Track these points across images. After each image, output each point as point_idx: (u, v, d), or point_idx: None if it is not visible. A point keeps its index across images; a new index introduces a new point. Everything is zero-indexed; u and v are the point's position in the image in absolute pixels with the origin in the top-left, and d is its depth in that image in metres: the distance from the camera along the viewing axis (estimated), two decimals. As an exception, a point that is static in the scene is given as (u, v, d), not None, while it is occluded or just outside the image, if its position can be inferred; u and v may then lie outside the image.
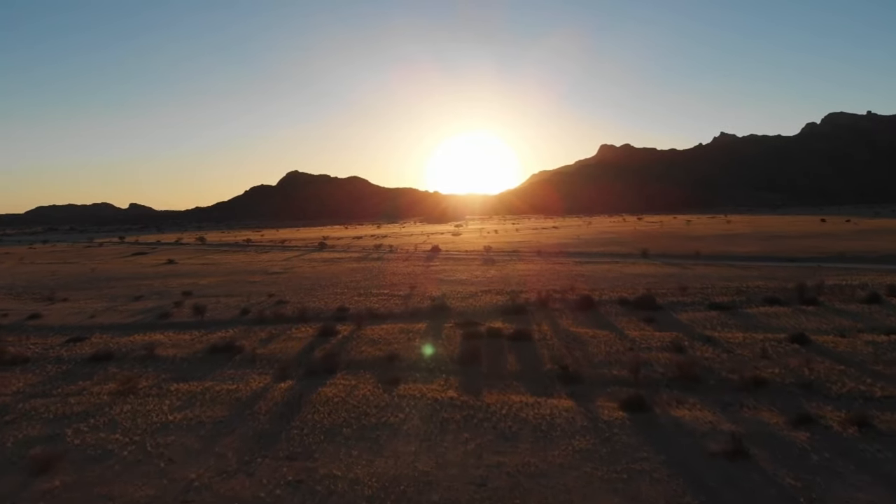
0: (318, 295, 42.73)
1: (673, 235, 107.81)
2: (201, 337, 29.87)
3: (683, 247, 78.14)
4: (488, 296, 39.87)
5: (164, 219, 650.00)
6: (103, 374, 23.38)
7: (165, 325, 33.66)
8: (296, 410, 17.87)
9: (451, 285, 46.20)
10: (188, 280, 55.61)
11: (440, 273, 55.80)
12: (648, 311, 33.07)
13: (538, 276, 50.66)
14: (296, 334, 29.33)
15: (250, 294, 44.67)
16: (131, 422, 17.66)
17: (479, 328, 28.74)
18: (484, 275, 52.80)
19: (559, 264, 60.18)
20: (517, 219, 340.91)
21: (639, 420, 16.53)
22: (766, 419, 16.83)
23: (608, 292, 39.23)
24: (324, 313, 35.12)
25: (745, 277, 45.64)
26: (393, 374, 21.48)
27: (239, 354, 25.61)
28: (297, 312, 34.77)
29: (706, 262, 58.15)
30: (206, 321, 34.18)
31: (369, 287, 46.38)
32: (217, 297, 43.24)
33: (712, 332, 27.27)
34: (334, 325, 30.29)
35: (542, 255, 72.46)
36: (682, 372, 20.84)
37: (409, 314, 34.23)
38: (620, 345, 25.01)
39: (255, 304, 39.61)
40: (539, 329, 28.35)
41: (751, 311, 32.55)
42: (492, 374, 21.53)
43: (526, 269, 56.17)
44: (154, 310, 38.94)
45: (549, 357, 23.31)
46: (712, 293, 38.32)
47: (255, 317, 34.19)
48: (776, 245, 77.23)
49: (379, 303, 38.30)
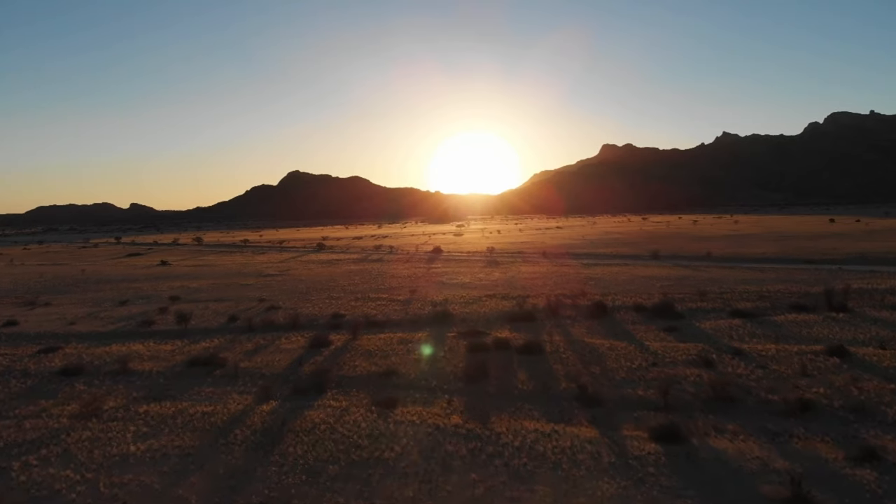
0: (313, 300, 40.37)
1: (681, 236, 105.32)
2: (183, 347, 27.51)
3: (693, 248, 75.72)
4: (493, 301, 37.48)
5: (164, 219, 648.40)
6: (68, 392, 21.03)
7: (147, 334, 31.30)
8: (276, 440, 15.50)
9: (453, 289, 43.83)
10: (178, 283, 53.28)
11: (442, 275, 53.43)
12: (668, 318, 30.68)
13: (545, 279, 48.26)
14: (285, 345, 26.96)
15: (241, 298, 42.32)
16: (87, 454, 15.30)
17: (484, 338, 26.36)
18: (488, 277, 50.42)
19: (566, 266, 57.76)
20: (519, 219, 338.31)
21: (674, 454, 14.13)
22: (823, 453, 14.44)
23: (622, 297, 36.82)
24: (317, 320, 32.75)
25: (763, 281, 43.22)
26: (389, 393, 19.10)
27: (220, 369, 23.26)
28: (288, 319, 32.40)
29: (719, 265, 55.72)
30: (191, 329, 31.81)
31: (367, 291, 44.01)
32: (206, 303, 40.89)
33: (741, 344, 24.87)
34: (327, 335, 27.92)
35: (547, 257, 70.04)
36: (715, 392, 18.46)
37: (408, 321, 31.85)
38: (642, 359, 22.61)
39: (245, 309, 37.25)
40: (551, 340, 25.96)
41: (778, 320, 30.14)
42: (501, 393, 19.15)
43: (532, 272, 53.76)
44: (138, 316, 36.59)
45: (564, 373, 20.91)
46: (733, 299, 35.92)
47: (243, 324, 31.82)
48: (789, 246, 74.77)
49: (377, 309, 35.93)
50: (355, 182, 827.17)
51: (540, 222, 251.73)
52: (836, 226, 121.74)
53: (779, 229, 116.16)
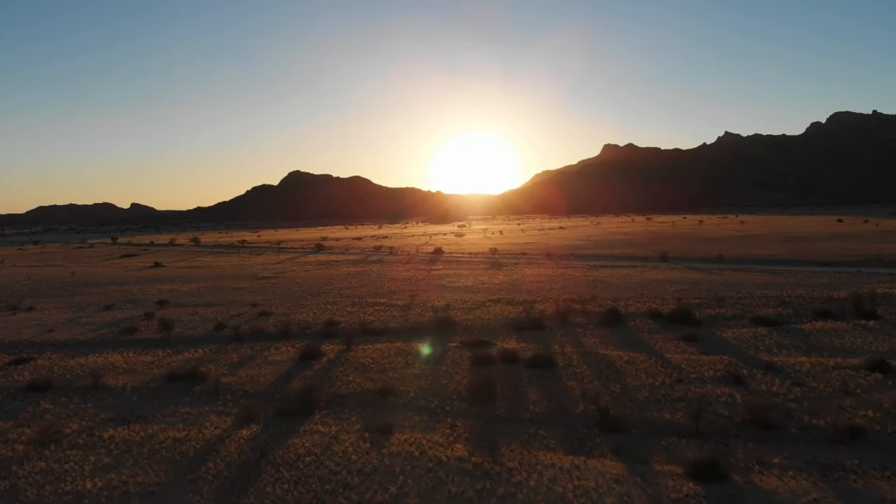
0: (307, 305, 38.27)
1: (687, 236, 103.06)
2: (164, 359, 25.44)
3: (702, 249, 73.51)
4: (498, 306, 35.37)
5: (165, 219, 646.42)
6: (31, 412, 18.97)
7: (127, 343, 29.23)
8: (253, 476, 13.41)
9: (455, 293, 41.73)
10: (169, 286, 51.21)
11: (443, 278, 51.33)
12: (686, 326, 28.57)
13: (551, 282, 46.12)
14: (273, 356, 24.88)
15: (233, 303, 40.24)
16: (37, 491, 13.24)
17: (490, 349, 24.28)
18: (491, 281, 48.30)
19: (572, 269, 55.61)
20: (521, 219, 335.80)
21: (717, 497, 12.04)
22: (887, 493, 12.39)
23: (635, 303, 34.70)
24: (310, 328, 30.65)
25: (782, 285, 41.10)
26: (385, 416, 17.03)
27: (201, 384, 21.17)
28: (279, 327, 30.30)
29: (733, 267, 53.55)
30: (175, 338, 29.74)
31: (365, 295, 41.91)
32: (195, 307, 38.82)
33: (770, 357, 22.76)
34: (320, 345, 25.85)
35: (552, 258, 67.82)
36: (752, 415, 16.34)
37: (408, 329, 29.76)
38: (665, 374, 20.51)
39: (235, 315, 35.17)
40: (562, 351, 23.85)
41: (805, 328, 28.01)
42: (511, 416, 17.05)
43: (537, 275, 51.62)
44: (121, 322, 34.52)
45: (580, 392, 18.81)
46: (753, 304, 33.79)
47: (230, 333, 29.72)
48: (801, 247, 72.58)
49: (374, 315, 33.82)
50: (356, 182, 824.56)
51: (542, 222, 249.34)
52: (844, 226, 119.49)
53: (787, 230, 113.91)
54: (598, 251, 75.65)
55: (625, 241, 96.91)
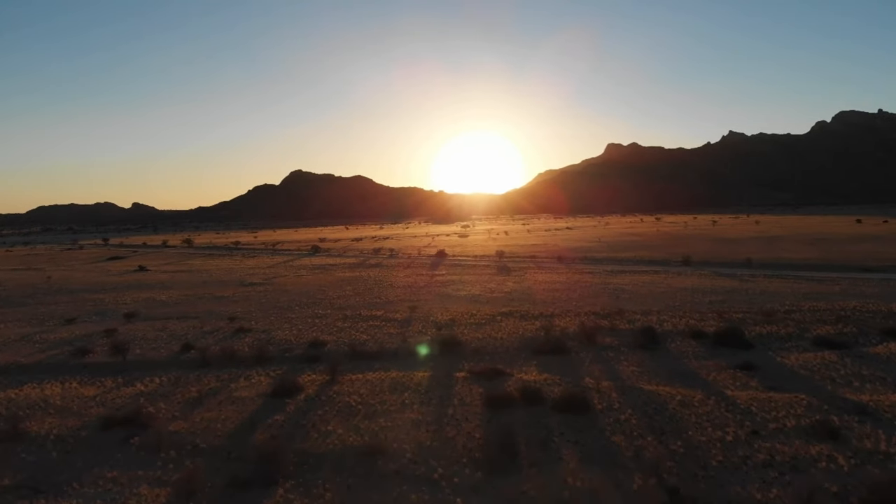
0: (293, 318, 33.75)
1: (704, 238, 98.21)
2: (109, 392, 20.96)
3: (725, 252, 68.80)
4: (511, 321, 30.82)
5: (165, 218, 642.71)
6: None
7: (75, 369, 24.79)
8: None
9: (461, 303, 37.23)
10: (146, 294, 46.76)
11: (447, 285, 46.81)
12: (737, 349, 24.03)
13: (567, 290, 41.55)
14: (240, 390, 20.36)
15: (210, 316, 35.76)
16: None
17: (506, 383, 19.75)
18: (500, 288, 43.76)
19: (588, 274, 51.01)
20: (526, 219, 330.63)
21: None
22: None
23: (669, 318, 30.11)
24: (291, 350, 26.16)
25: (828, 295, 36.52)
26: (371, 493, 12.52)
27: (142, 433, 16.67)
28: (255, 349, 25.83)
29: (765, 273, 48.95)
30: (132, 362, 25.30)
31: (359, 306, 37.40)
32: (166, 321, 34.35)
33: (857, 395, 18.20)
34: (299, 375, 21.36)
35: (564, 262, 63.26)
36: (880, 496, 11.83)
37: (406, 353, 25.25)
38: (734, 423, 15.94)
39: (207, 332, 30.67)
40: (597, 386, 19.27)
41: (879, 353, 23.40)
42: (543, 496, 12.51)
43: (550, 281, 47.03)
44: (78, 341, 30.06)
45: (631, 452, 14.23)
46: (806, 320, 29.20)
47: (196, 356, 25.26)
48: (829, 250, 67.90)
49: (368, 332, 29.29)
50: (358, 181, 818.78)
51: (547, 222, 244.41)
52: (865, 227, 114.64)
53: (806, 231, 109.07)
54: (611, 254, 70.96)
55: (638, 242, 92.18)
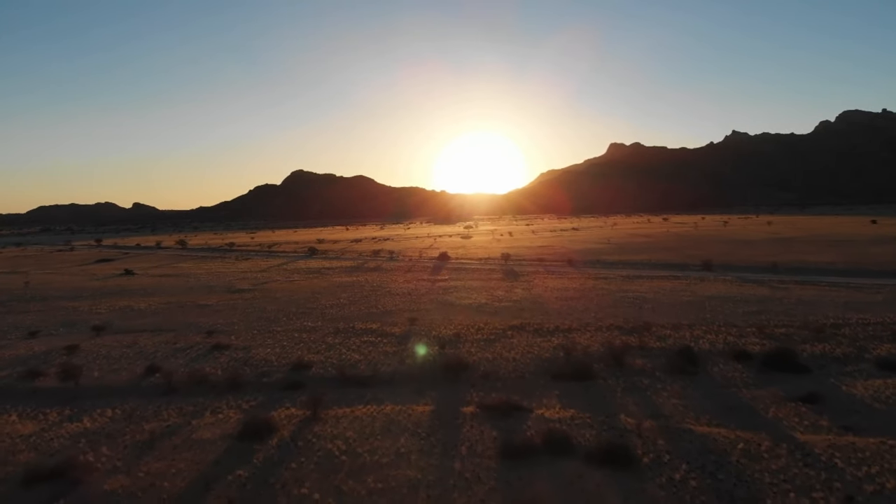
0: (278, 332, 30.13)
1: (718, 240, 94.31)
2: (48, 430, 17.41)
3: (744, 255, 65.05)
4: (524, 337, 27.18)
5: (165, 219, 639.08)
6: None
7: (20, 397, 21.22)
8: None
9: (466, 314, 33.62)
10: (125, 302, 43.20)
11: (450, 292, 43.20)
12: (793, 375, 20.40)
13: (583, 299, 37.87)
14: (202, 430, 16.75)
15: (188, 328, 32.17)
16: None
17: (525, 424, 16.14)
18: (508, 296, 40.13)
19: (603, 279, 47.32)
20: (529, 219, 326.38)
21: None
22: None
23: (704, 334, 26.45)
24: (270, 373, 22.55)
25: (873, 306, 32.87)
26: None
27: (70, 493, 13.09)
28: (229, 372, 22.25)
29: (795, 279, 45.27)
30: (87, 387, 21.72)
31: (353, 317, 33.77)
32: (137, 335, 30.75)
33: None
34: (272, 412, 17.77)
35: (574, 266, 59.55)
36: None
37: (404, 377, 21.65)
38: (818, 482, 12.32)
39: (179, 350, 27.06)
40: (638, 428, 15.63)
41: (964, 378, 19.80)
42: None
43: (562, 288, 43.36)
44: (33, 359, 26.49)
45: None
46: (860, 337, 25.54)
47: (161, 381, 21.67)
48: (853, 253, 64.15)
49: (360, 350, 25.66)
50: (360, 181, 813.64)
51: (552, 223, 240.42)
52: (882, 228, 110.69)
53: (823, 232, 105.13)
54: (623, 256, 67.19)
55: (650, 244, 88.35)
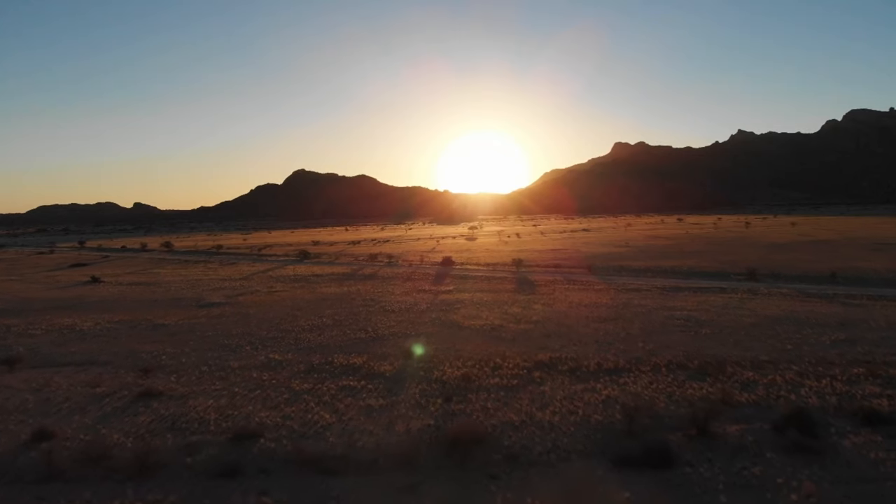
0: (234, 370, 23.16)
1: (746, 242, 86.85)
2: None
3: (785, 261, 57.82)
4: (557, 380, 20.18)
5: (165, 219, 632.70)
6: None
7: None
8: None
9: (477, 341, 26.68)
10: (71, 320, 36.35)
11: (456, 307, 36.27)
12: None
13: (621, 320, 30.78)
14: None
15: (123, 361, 25.27)
16: None
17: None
18: (527, 314, 33.16)
19: (636, 292, 40.25)
20: (536, 219, 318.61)
21: None
22: None
23: (797, 377, 19.34)
24: (200, 448, 15.58)
25: None
26: None
27: None
28: (142, 444, 15.33)
29: (864, 292, 38.23)
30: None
31: (334, 346, 26.80)
32: (56, 372, 23.86)
33: None
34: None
35: (597, 274, 52.45)
36: None
37: (391, 458, 14.68)
38: None
39: (96, 398, 20.12)
40: None
41: None
42: None
43: (591, 304, 36.30)
44: None
45: None
46: None
47: (39, 459, 14.78)
48: (908, 257, 57.00)
49: (334, 405, 18.68)
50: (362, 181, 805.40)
51: (559, 223, 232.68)
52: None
53: (858, 234, 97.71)
54: (649, 262, 59.94)
55: (673, 248, 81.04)
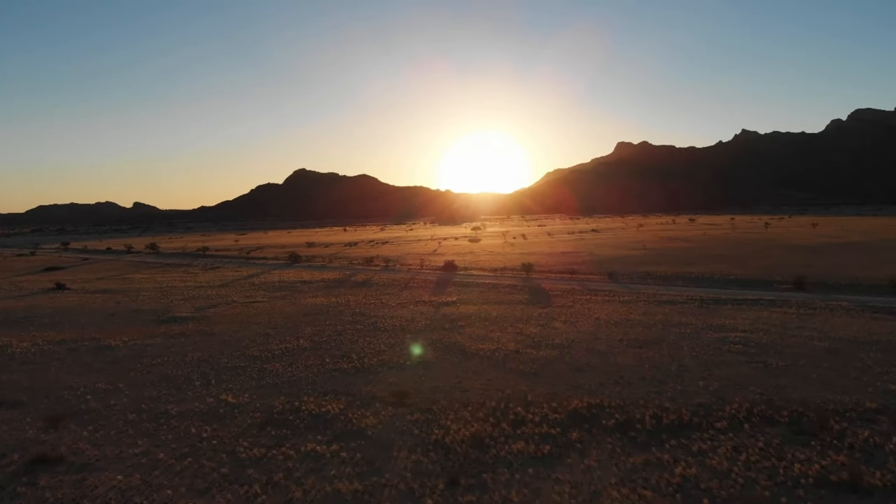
0: (171, 418, 17.50)
1: (772, 245, 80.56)
2: None
3: (826, 267, 51.69)
4: (605, 445, 14.50)
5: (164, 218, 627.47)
6: None
7: None
8: None
9: (487, 374, 20.99)
10: (5, 339, 30.72)
11: (460, 325, 30.56)
12: None
13: (664, 343, 24.98)
14: None
15: (33, 405, 19.70)
16: None
17: None
18: (547, 334, 27.44)
19: (670, 305, 34.39)
20: (540, 219, 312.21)
21: None
22: None
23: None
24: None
25: None
26: None
27: None
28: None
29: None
30: None
31: (307, 382, 21.07)
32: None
33: None
34: None
35: (618, 281, 46.59)
36: None
37: None
38: None
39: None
40: None
41: None
42: None
43: (621, 320, 30.50)
44: None
45: None
46: None
47: None
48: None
49: (286, 493, 12.97)
50: (363, 181, 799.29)
51: (565, 224, 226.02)
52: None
53: (886, 235, 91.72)
54: (674, 268, 53.90)
55: (694, 251, 74.95)
